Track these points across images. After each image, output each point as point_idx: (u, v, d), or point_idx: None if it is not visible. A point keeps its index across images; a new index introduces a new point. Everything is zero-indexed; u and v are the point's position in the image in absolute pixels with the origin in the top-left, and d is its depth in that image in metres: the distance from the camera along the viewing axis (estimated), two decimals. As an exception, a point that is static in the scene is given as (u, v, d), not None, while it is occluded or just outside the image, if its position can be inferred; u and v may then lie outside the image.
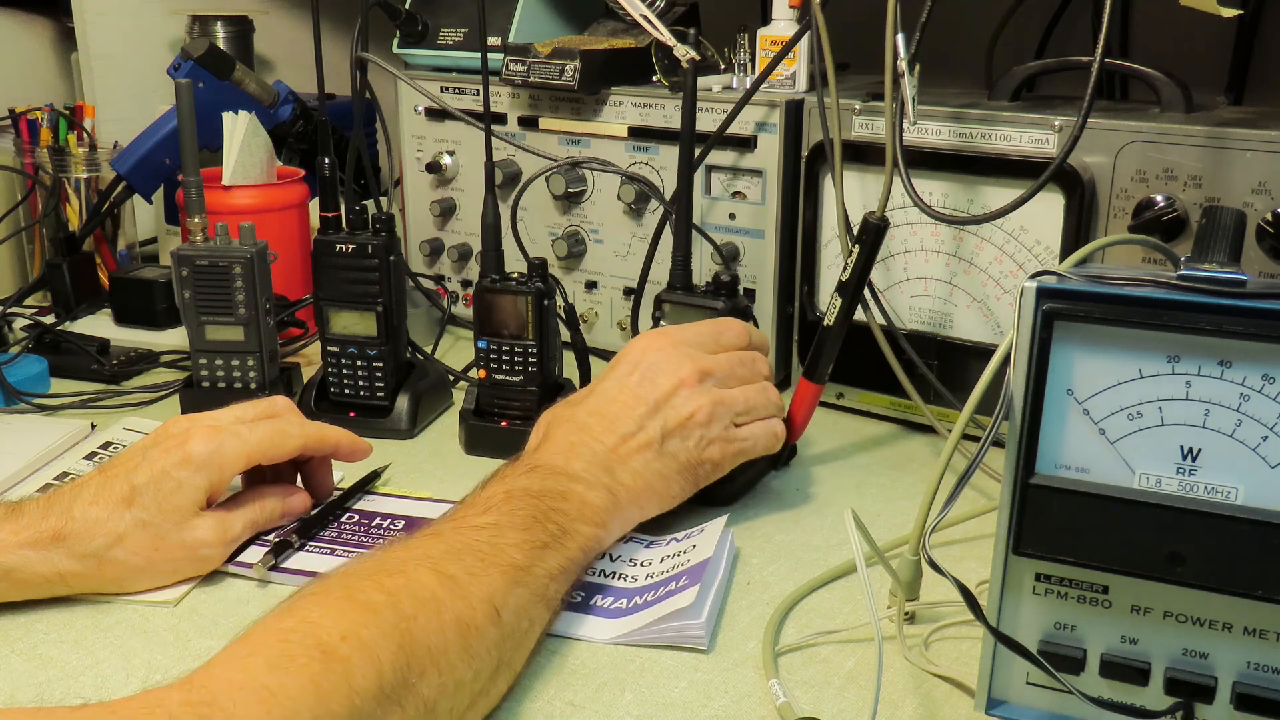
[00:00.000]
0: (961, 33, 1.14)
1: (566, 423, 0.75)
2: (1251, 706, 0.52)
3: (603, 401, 0.76)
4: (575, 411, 0.76)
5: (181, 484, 0.71)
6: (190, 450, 0.71)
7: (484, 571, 0.61)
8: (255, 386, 0.98)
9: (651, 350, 0.78)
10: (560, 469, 0.71)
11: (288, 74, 1.52)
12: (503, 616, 0.59)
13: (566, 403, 0.78)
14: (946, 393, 0.94)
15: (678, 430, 0.75)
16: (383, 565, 0.59)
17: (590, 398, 0.77)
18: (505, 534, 0.64)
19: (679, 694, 0.62)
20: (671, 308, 0.89)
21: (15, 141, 1.29)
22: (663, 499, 0.76)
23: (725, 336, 0.81)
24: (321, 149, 0.99)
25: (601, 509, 0.71)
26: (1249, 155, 0.80)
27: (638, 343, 0.79)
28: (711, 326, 0.82)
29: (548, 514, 0.67)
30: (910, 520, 0.64)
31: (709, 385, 0.77)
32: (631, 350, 0.79)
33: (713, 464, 0.77)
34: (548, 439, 0.75)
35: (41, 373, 1.04)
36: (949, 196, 0.92)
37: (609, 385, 0.77)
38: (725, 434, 0.77)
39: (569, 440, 0.74)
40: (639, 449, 0.74)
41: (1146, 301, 0.50)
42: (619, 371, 0.78)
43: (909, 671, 0.64)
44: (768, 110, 0.99)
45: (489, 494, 0.68)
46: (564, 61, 1.06)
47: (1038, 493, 0.53)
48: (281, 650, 0.51)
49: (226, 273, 0.95)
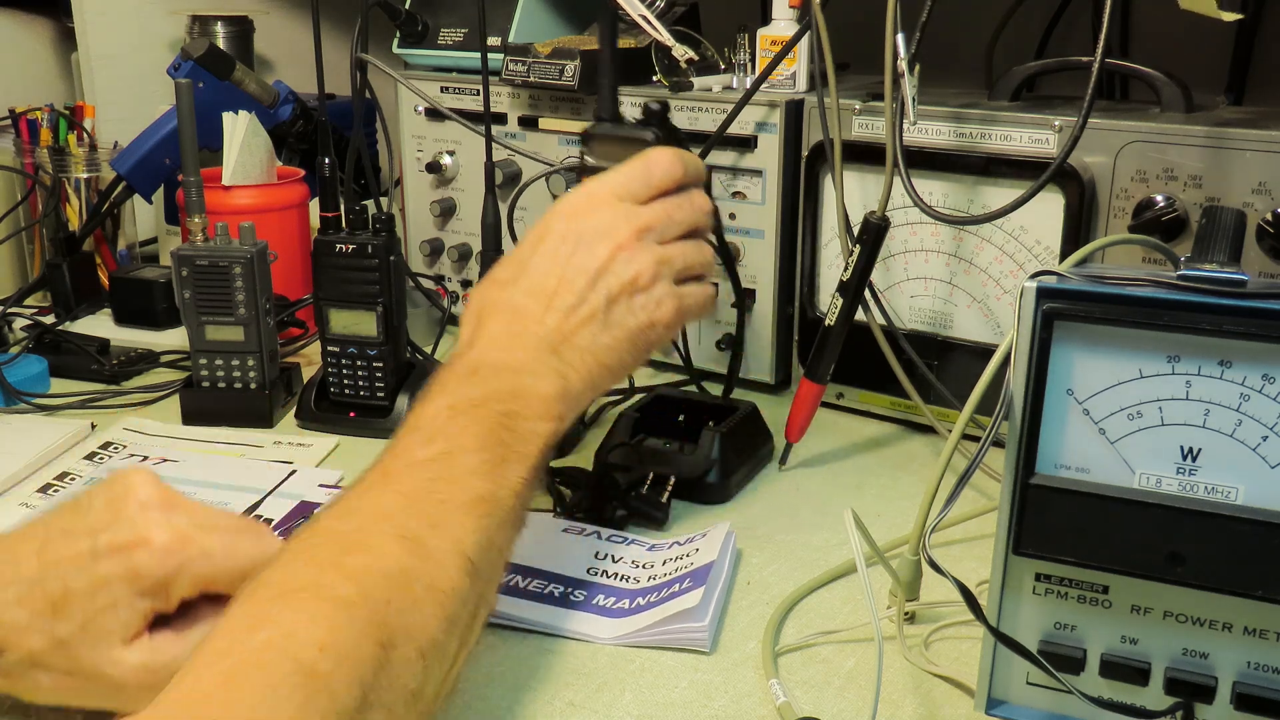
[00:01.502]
0: (961, 33, 1.14)
1: (502, 308, 0.69)
2: (1251, 706, 0.52)
3: (538, 278, 0.70)
4: (510, 294, 0.70)
5: (117, 603, 0.56)
6: (138, 565, 0.56)
7: (447, 517, 0.56)
8: (255, 386, 0.98)
9: (581, 214, 0.71)
10: (503, 364, 0.66)
11: (288, 74, 1.51)
12: (476, 562, 0.56)
13: (495, 282, 0.72)
14: (946, 393, 0.94)
15: (622, 296, 0.70)
16: (343, 540, 0.54)
17: (524, 276, 0.70)
18: (460, 460, 0.59)
19: (679, 694, 0.62)
20: (597, 143, 0.80)
21: (15, 141, 1.29)
22: (615, 373, 0.71)
23: (655, 175, 0.73)
24: (321, 149, 0.99)
25: (556, 398, 0.66)
26: (1249, 155, 0.80)
27: (563, 207, 0.72)
28: (640, 168, 0.73)
29: (500, 422, 0.62)
30: (910, 520, 0.64)
31: (649, 242, 0.71)
32: (559, 216, 0.72)
33: (663, 326, 0.72)
34: (482, 329, 0.69)
35: (41, 373, 1.04)
36: (949, 196, 0.92)
37: (542, 260, 0.70)
38: (671, 291, 0.72)
39: (508, 328, 0.68)
40: (584, 323, 0.69)
41: (1146, 301, 0.50)
42: (550, 243, 0.71)
43: (909, 671, 0.64)
44: (768, 110, 0.99)
45: (433, 413, 0.62)
46: (564, 61, 1.06)
47: (1038, 493, 0.53)
48: (263, 680, 0.46)
49: (226, 273, 0.95)
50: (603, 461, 0.88)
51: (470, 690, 0.63)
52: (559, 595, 0.70)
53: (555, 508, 0.82)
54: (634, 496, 0.81)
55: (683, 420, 0.92)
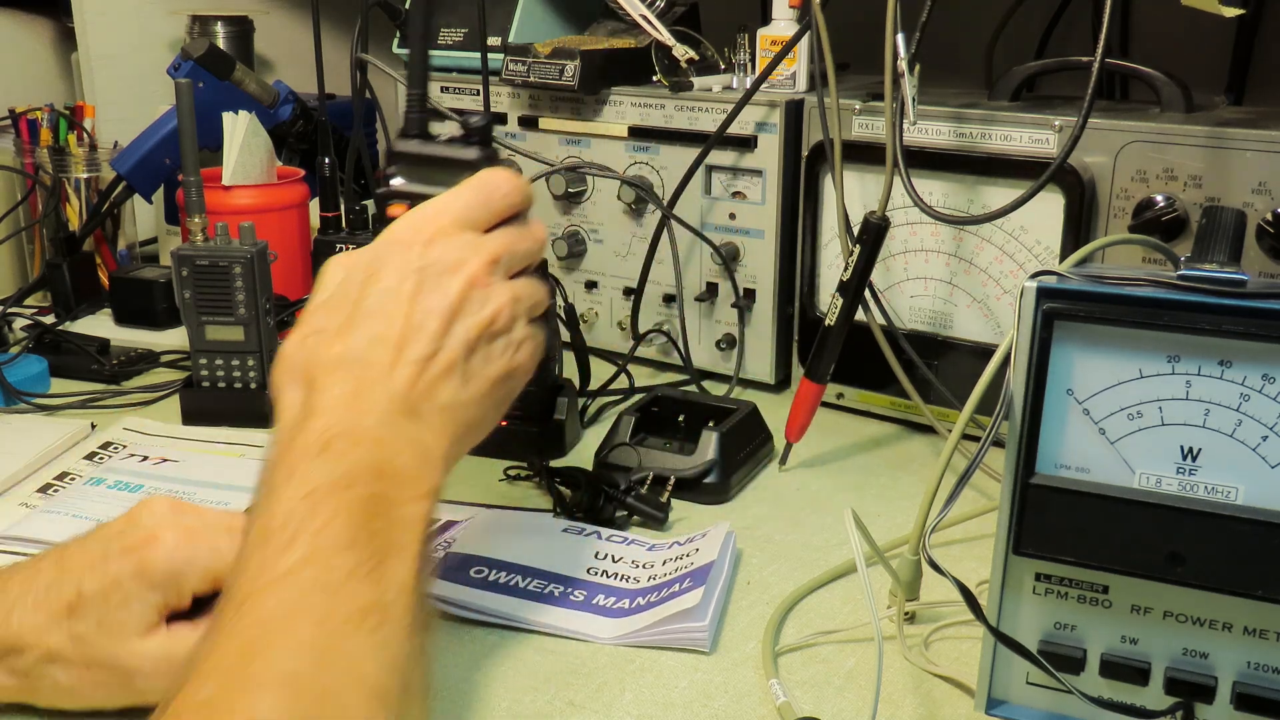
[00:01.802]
0: (961, 33, 1.14)
1: (338, 364, 0.56)
2: (1251, 706, 0.52)
3: (379, 323, 0.58)
4: (345, 345, 0.57)
5: (129, 598, 0.57)
6: (148, 560, 0.57)
7: (332, 644, 0.46)
8: (255, 386, 0.98)
9: (421, 243, 0.60)
10: (359, 433, 0.54)
11: (288, 74, 1.51)
12: (384, 687, 0.47)
13: (319, 332, 0.58)
14: (946, 393, 0.94)
15: (481, 341, 0.60)
16: (208, 712, 0.44)
17: (358, 321, 0.58)
18: (331, 564, 0.49)
19: (679, 694, 0.62)
20: (410, 164, 0.66)
21: (15, 141, 1.29)
22: (478, 432, 0.62)
23: (496, 201, 0.63)
24: (321, 149, 0.99)
25: (424, 471, 0.56)
26: (1249, 155, 0.80)
27: (399, 234, 0.60)
28: (480, 192, 0.63)
29: (370, 509, 0.52)
30: (910, 520, 0.64)
31: (500, 276, 0.62)
32: (395, 247, 0.60)
33: (522, 373, 0.63)
34: (318, 391, 0.55)
35: (41, 373, 1.04)
36: (949, 196, 0.92)
37: (380, 301, 0.58)
38: (527, 332, 0.63)
39: (352, 388, 0.56)
40: (442, 375, 0.58)
41: (1146, 301, 0.50)
42: (387, 280, 0.59)
43: (909, 671, 0.64)
44: (768, 110, 0.99)
45: (287, 507, 0.50)
46: (564, 61, 1.06)
47: (1038, 493, 0.53)
48: None
49: (226, 273, 0.95)
50: (603, 461, 0.88)
51: (470, 690, 0.63)
52: (559, 595, 0.70)
53: (555, 508, 0.82)
54: (634, 496, 0.81)
55: (683, 420, 0.92)
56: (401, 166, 0.66)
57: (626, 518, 0.81)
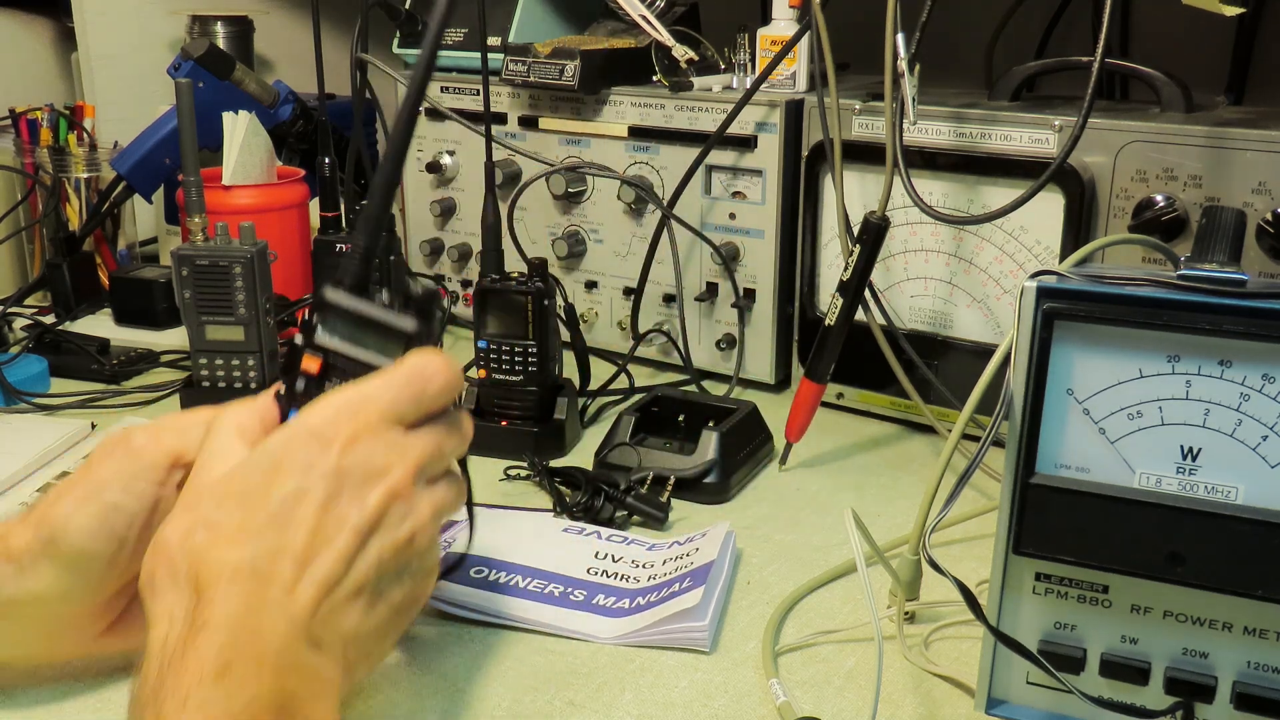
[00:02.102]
0: (961, 33, 1.14)
1: (233, 572, 0.49)
2: (1251, 706, 0.52)
3: (283, 531, 0.50)
4: (242, 551, 0.49)
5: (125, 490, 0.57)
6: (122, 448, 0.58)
7: None
8: (255, 386, 0.98)
9: (341, 440, 0.52)
10: (254, 657, 0.48)
11: (288, 74, 1.51)
12: None
13: (212, 528, 0.50)
14: (946, 393, 0.94)
15: (394, 563, 0.53)
16: None
17: (260, 525, 0.50)
18: None
19: (679, 694, 0.62)
20: (339, 319, 0.57)
21: (15, 141, 1.29)
22: (373, 662, 0.56)
23: (428, 395, 0.55)
24: (321, 149, 0.99)
25: (320, 707, 0.50)
26: (1249, 155, 0.80)
27: (316, 425, 0.52)
28: (410, 385, 0.54)
29: None
30: (910, 520, 0.64)
31: (422, 486, 0.54)
32: (310, 441, 0.52)
33: (425, 599, 0.57)
34: (209, 601, 0.48)
35: (41, 372, 1.04)
36: (949, 196, 0.92)
37: (286, 503, 0.50)
38: (438, 546, 0.57)
39: (248, 603, 0.48)
40: (348, 600, 0.51)
41: (1146, 301, 0.50)
42: (296, 477, 0.51)
43: (909, 671, 0.64)
44: (768, 110, 0.99)
45: None
46: (564, 61, 1.06)
47: (1038, 492, 0.53)
48: None
49: (226, 273, 0.95)
50: (603, 461, 0.88)
51: (470, 690, 0.63)
52: (559, 595, 0.70)
53: (555, 508, 0.82)
54: (634, 496, 0.81)
55: (683, 420, 0.92)
56: (328, 318, 0.57)
57: (626, 518, 0.81)
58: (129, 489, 0.56)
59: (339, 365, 0.56)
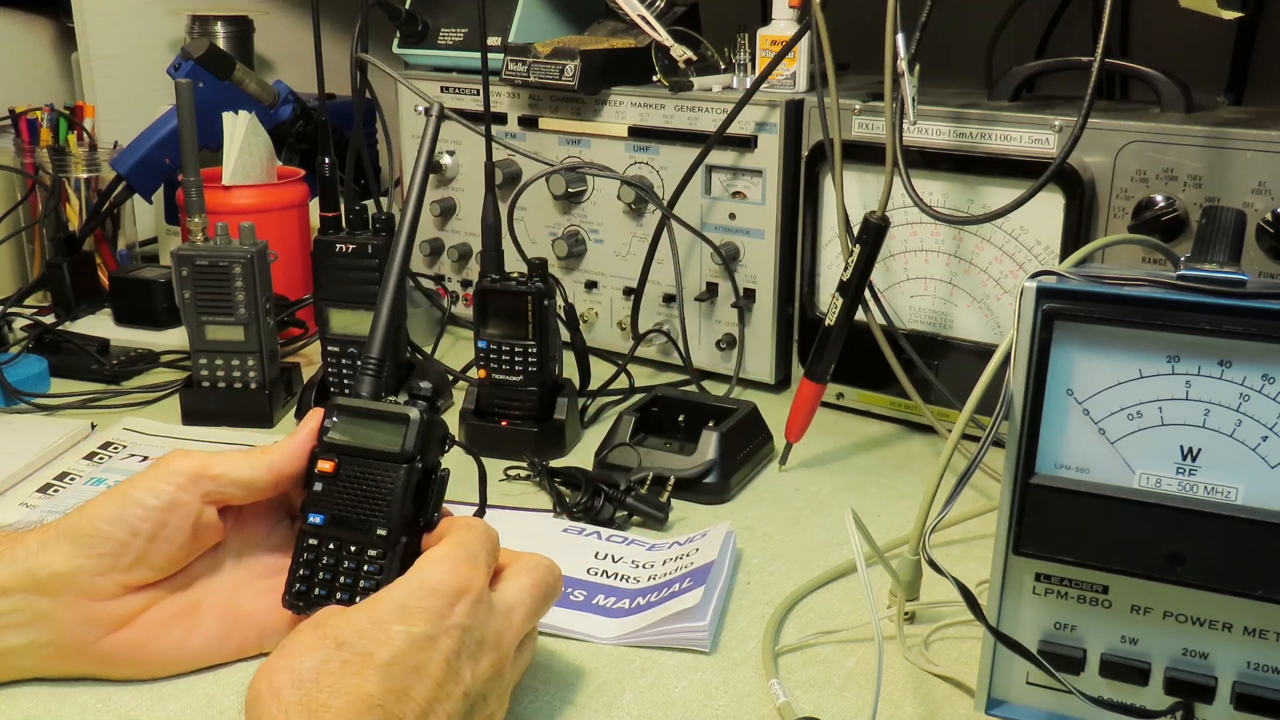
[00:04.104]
0: (961, 33, 1.14)
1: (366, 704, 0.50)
2: (1251, 706, 0.52)
3: (404, 673, 0.51)
4: (360, 682, 0.50)
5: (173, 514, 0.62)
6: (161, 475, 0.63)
7: None
8: (255, 386, 0.98)
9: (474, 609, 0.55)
10: None
11: (288, 74, 1.52)
12: None
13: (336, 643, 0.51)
14: (946, 393, 0.94)
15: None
16: None
17: (387, 663, 0.51)
18: None
19: (679, 694, 0.62)
20: (346, 419, 0.63)
21: (15, 141, 1.29)
22: None
23: (492, 548, 0.59)
24: (321, 149, 0.99)
25: None
26: (1249, 155, 0.80)
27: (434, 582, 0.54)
28: (487, 548, 0.58)
29: None
30: (910, 520, 0.64)
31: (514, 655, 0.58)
32: (431, 593, 0.54)
33: None
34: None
35: (41, 373, 1.04)
36: (949, 196, 0.92)
37: (417, 641, 0.52)
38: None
39: None
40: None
41: (1146, 301, 0.50)
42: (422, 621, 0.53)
43: (909, 671, 0.64)
44: (768, 110, 0.99)
45: None
46: (564, 61, 1.06)
47: (1038, 493, 0.53)
48: None
49: (226, 273, 0.95)
50: (603, 461, 0.88)
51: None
52: (559, 595, 0.70)
53: (555, 508, 0.82)
54: (634, 496, 0.81)
55: (683, 420, 0.92)
56: (339, 419, 0.64)
57: (626, 518, 0.81)
58: (150, 488, 0.62)
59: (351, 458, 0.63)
